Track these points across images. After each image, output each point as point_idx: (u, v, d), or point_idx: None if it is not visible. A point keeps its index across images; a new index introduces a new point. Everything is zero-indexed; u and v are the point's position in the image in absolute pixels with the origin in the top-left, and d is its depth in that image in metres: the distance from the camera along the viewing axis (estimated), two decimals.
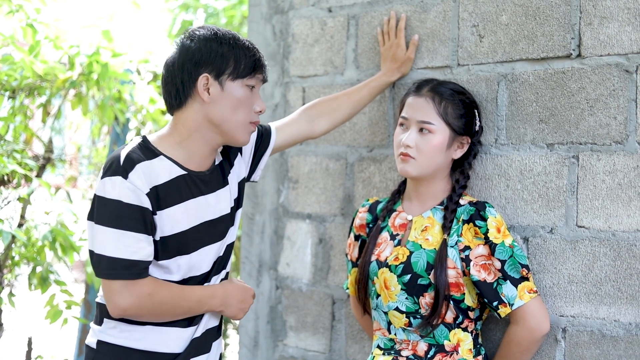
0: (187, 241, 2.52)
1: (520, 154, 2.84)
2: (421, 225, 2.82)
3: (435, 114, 2.77)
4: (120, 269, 2.40)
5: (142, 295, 2.43)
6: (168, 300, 2.48)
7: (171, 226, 2.48)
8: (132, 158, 2.44)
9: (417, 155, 2.77)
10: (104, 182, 2.43)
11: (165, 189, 2.47)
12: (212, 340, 2.67)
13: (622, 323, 2.63)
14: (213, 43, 2.51)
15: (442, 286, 2.68)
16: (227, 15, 6.46)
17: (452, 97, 2.81)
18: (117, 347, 2.52)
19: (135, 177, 2.41)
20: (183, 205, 2.51)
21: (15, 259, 4.13)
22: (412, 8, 3.15)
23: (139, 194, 2.41)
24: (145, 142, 2.54)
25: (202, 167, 2.58)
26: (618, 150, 2.64)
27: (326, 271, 3.45)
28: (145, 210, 2.42)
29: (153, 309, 2.47)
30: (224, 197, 2.63)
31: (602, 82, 2.68)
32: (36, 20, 4.13)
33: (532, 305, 2.66)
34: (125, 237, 2.40)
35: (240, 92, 2.52)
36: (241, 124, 2.54)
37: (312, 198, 3.52)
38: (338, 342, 3.42)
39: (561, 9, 2.76)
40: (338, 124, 3.08)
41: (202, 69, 2.49)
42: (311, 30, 3.52)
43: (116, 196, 2.40)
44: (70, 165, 5.41)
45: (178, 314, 2.52)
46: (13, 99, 4.25)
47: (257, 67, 2.55)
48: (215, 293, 2.59)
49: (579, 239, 2.71)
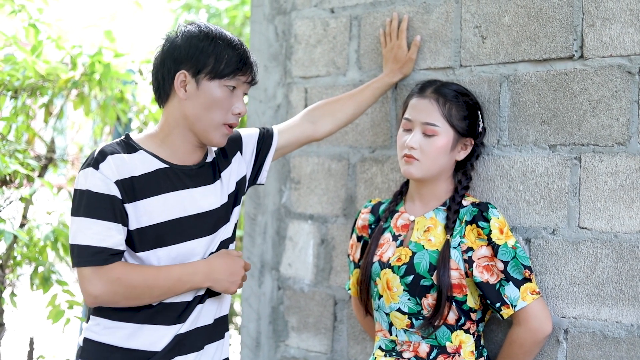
0: (166, 233, 2.52)
1: (523, 155, 2.84)
2: (424, 226, 2.82)
3: (440, 116, 2.77)
4: (88, 256, 2.42)
5: (111, 279, 2.43)
6: (140, 282, 2.46)
7: (148, 217, 2.49)
8: (106, 151, 2.48)
9: (421, 157, 2.76)
10: (79, 175, 2.48)
11: (141, 181, 2.49)
12: (206, 340, 2.63)
13: (624, 324, 2.63)
14: (195, 40, 2.50)
15: (445, 287, 2.68)
16: (229, 16, 6.46)
17: (456, 98, 2.80)
18: (101, 345, 2.53)
19: (106, 167, 2.45)
20: (162, 197, 2.51)
21: (17, 259, 4.13)
22: (415, 9, 3.15)
23: (107, 183, 2.44)
24: (127, 139, 2.58)
25: (188, 161, 2.59)
26: (620, 152, 2.64)
27: (328, 272, 3.45)
28: (114, 198, 2.44)
29: (127, 293, 2.46)
30: (213, 192, 2.62)
31: (604, 83, 2.68)
32: (38, 20, 4.14)
33: (534, 307, 2.66)
34: (95, 225, 2.42)
35: (217, 92, 2.50)
36: (214, 125, 2.53)
37: (314, 199, 3.52)
38: (340, 343, 3.42)
39: (563, 10, 2.76)
40: (341, 126, 3.08)
41: (182, 65, 2.50)
42: (314, 31, 3.52)
43: (87, 186, 2.44)
44: (73, 165, 5.41)
45: (156, 295, 2.50)
46: (15, 99, 4.25)
47: (239, 69, 2.52)
48: (197, 269, 2.54)
49: (581, 240, 2.71)
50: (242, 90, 2.55)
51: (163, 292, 2.50)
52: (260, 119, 3.71)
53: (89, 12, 7.25)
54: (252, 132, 2.87)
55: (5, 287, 4.08)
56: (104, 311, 2.53)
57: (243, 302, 3.81)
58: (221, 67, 2.49)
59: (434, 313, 2.70)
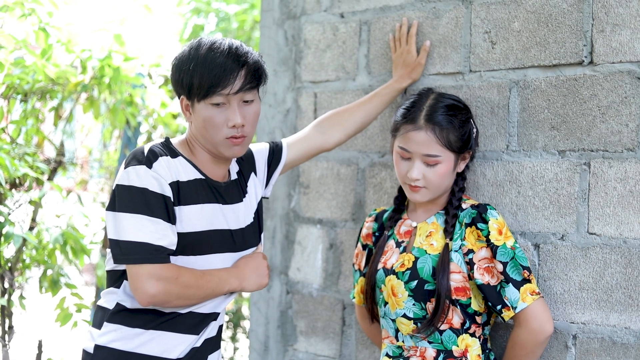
0: (195, 243, 2.53)
1: (532, 161, 2.84)
2: (426, 231, 2.83)
3: (440, 146, 2.74)
4: (148, 254, 2.41)
5: (169, 279, 2.43)
6: (193, 283, 2.48)
7: (187, 224, 2.51)
8: (155, 151, 2.49)
9: (426, 184, 2.76)
10: (127, 171, 2.46)
11: (185, 187, 2.51)
12: (210, 351, 2.67)
13: (633, 330, 2.63)
14: (180, 63, 2.52)
15: (444, 291, 2.69)
16: (238, 20, 6.46)
17: (451, 123, 2.76)
18: (115, 352, 2.52)
19: (159, 167, 2.45)
20: (199, 207, 2.53)
21: (26, 262, 4.14)
22: (425, 14, 3.15)
23: (162, 183, 2.44)
24: (168, 143, 2.59)
25: (216, 176, 2.62)
26: (629, 158, 2.64)
27: (337, 276, 3.45)
28: (168, 199, 2.45)
29: (180, 293, 2.46)
30: (242, 212, 2.66)
31: (614, 89, 2.68)
32: (48, 24, 4.15)
33: (535, 308, 2.66)
34: (151, 223, 2.42)
35: (205, 112, 2.50)
36: (217, 142, 2.54)
37: (323, 203, 3.52)
38: (348, 347, 3.42)
39: (573, 16, 2.76)
40: (351, 135, 3.08)
41: (179, 91, 2.55)
42: (323, 35, 3.53)
43: (141, 184, 2.43)
44: (82, 168, 5.43)
45: (202, 296, 2.52)
46: (25, 103, 4.27)
47: (212, 86, 2.46)
48: (231, 272, 2.59)
49: (590, 245, 2.71)
50: (235, 101, 2.50)
51: (208, 293, 2.53)
52: (269, 124, 3.71)
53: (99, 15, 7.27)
54: (262, 148, 2.90)
55: (14, 289, 4.09)
56: (122, 318, 2.53)
57: (252, 306, 3.82)
58: (196, 89, 2.48)
59: (432, 316, 2.70)
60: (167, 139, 2.60)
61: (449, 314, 2.72)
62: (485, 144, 2.96)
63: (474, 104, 2.99)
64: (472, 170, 2.98)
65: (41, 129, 4.46)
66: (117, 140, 5.46)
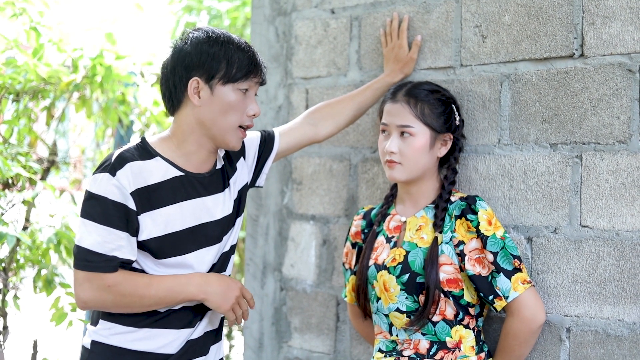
0: (181, 242, 2.52)
1: (524, 154, 2.84)
2: (415, 225, 2.84)
3: (413, 117, 2.79)
4: (89, 261, 2.42)
5: (101, 287, 2.43)
6: (131, 292, 2.46)
7: (164, 226, 2.49)
8: (124, 157, 2.47)
9: (402, 159, 2.80)
10: (94, 177, 2.47)
11: (157, 189, 2.48)
12: (211, 343, 2.67)
13: (627, 322, 2.63)
14: (205, 45, 2.49)
15: (432, 283, 2.70)
16: (230, 17, 6.46)
17: (427, 97, 2.82)
18: (111, 347, 2.53)
19: (123, 175, 2.43)
20: (177, 206, 2.51)
21: (20, 262, 4.13)
22: (415, 9, 3.15)
23: (123, 192, 2.43)
24: (144, 143, 2.56)
25: (201, 169, 2.59)
26: (621, 150, 2.64)
27: (330, 272, 3.45)
28: (129, 209, 2.43)
29: (116, 301, 2.46)
30: (223, 201, 2.63)
31: (605, 81, 2.68)
32: (39, 23, 4.14)
33: (526, 297, 2.67)
34: (106, 233, 2.42)
35: (231, 96, 2.50)
36: (231, 128, 2.53)
37: (316, 199, 3.52)
38: (343, 343, 3.42)
39: (564, 9, 2.76)
40: (342, 127, 3.08)
41: (193, 72, 2.49)
42: (314, 31, 3.52)
43: (102, 192, 2.43)
44: (75, 167, 5.42)
45: (147, 304, 2.50)
46: (17, 102, 4.26)
47: (251, 71, 2.51)
48: (192, 280, 2.52)
49: (582, 238, 2.71)
50: (253, 91, 2.56)
51: (154, 302, 2.50)
52: (261, 120, 3.71)
53: (90, 14, 7.26)
54: (254, 136, 2.88)
55: (8, 290, 4.08)
56: (116, 316, 2.53)
57: None
58: (233, 71, 2.48)
59: (422, 309, 2.71)
60: (143, 138, 2.58)
61: (441, 306, 2.72)
62: (477, 138, 2.96)
63: (466, 98, 2.99)
64: (464, 164, 2.98)
65: (34, 129, 4.45)
66: (110, 139, 5.45)
